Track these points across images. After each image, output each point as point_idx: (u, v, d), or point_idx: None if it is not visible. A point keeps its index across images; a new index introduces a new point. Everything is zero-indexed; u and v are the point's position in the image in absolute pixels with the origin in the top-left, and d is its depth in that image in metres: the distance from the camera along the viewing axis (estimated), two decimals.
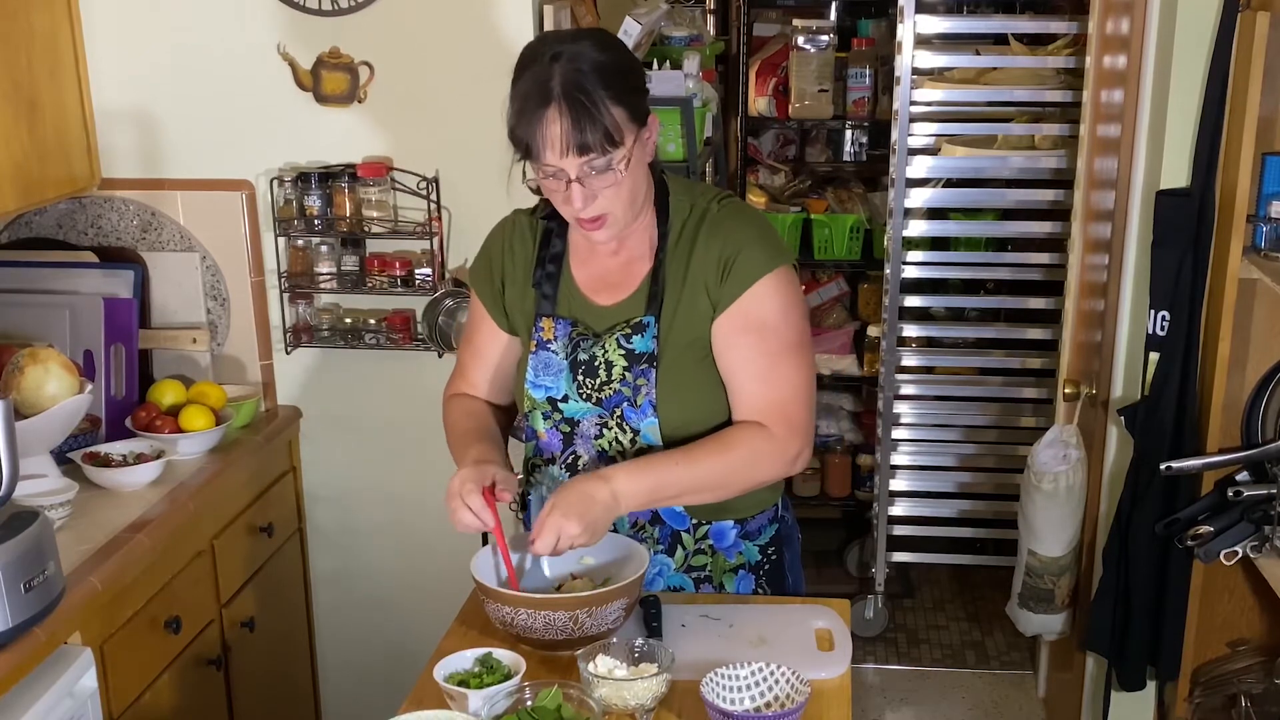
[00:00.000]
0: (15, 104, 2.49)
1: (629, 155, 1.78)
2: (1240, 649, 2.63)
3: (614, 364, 1.90)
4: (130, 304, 2.80)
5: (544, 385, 1.96)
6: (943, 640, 3.96)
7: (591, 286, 1.96)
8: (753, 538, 2.03)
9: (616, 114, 1.74)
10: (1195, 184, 2.49)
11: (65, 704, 2.01)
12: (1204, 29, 2.44)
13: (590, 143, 1.73)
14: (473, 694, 1.63)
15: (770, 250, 1.88)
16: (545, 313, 1.96)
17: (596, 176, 1.77)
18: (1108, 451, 2.88)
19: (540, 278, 1.97)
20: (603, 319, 1.94)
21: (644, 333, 1.89)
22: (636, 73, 1.84)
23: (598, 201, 1.79)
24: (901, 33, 3.42)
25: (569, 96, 1.72)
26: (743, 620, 1.89)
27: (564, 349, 1.94)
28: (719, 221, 1.89)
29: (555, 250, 1.97)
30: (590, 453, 1.95)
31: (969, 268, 3.76)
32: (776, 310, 1.87)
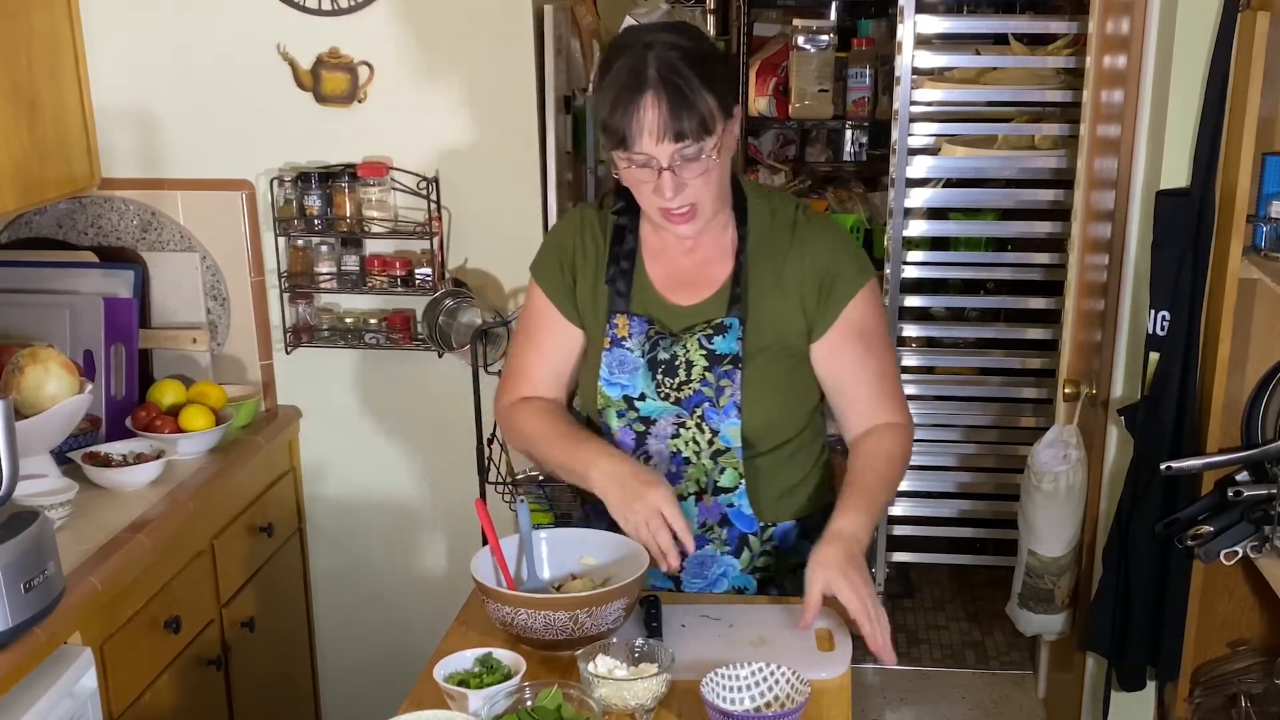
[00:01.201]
0: (15, 104, 2.49)
1: (719, 144, 1.79)
2: (1240, 649, 2.63)
3: (694, 364, 1.90)
4: (130, 304, 2.80)
5: (619, 383, 1.94)
6: (943, 640, 3.96)
7: (667, 285, 1.95)
8: (811, 535, 2.01)
9: (710, 101, 1.76)
10: (1195, 184, 2.49)
11: (65, 704, 2.01)
12: (1204, 29, 2.44)
13: (685, 129, 1.74)
14: (473, 694, 1.63)
15: (861, 263, 1.95)
16: (620, 309, 1.95)
17: (687, 165, 1.77)
18: (1108, 451, 2.88)
19: (614, 274, 1.96)
20: (680, 318, 1.93)
21: (726, 334, 1.90)
22: (723, 64, 1.86)
23: (687, 191, 1.79)
24: (901, 33, 3.42)
25: (666, 83, 1.73)
26: (743, 620, 1.89)
27: (640, 346, 1.93)
28: (810, 235, 1.93)
29: (628, 246, 1.97)
30: (663, 452, 1.95)
31: (969, 268, 3.76)
32: (874, 318, 1.95)
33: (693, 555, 1.94)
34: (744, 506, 1.97)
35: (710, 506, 1.97)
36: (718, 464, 1.95)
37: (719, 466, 1.95)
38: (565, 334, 2.02)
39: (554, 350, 2.03)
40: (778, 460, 1.98)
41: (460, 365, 2.88)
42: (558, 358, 2.03)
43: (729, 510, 1.98)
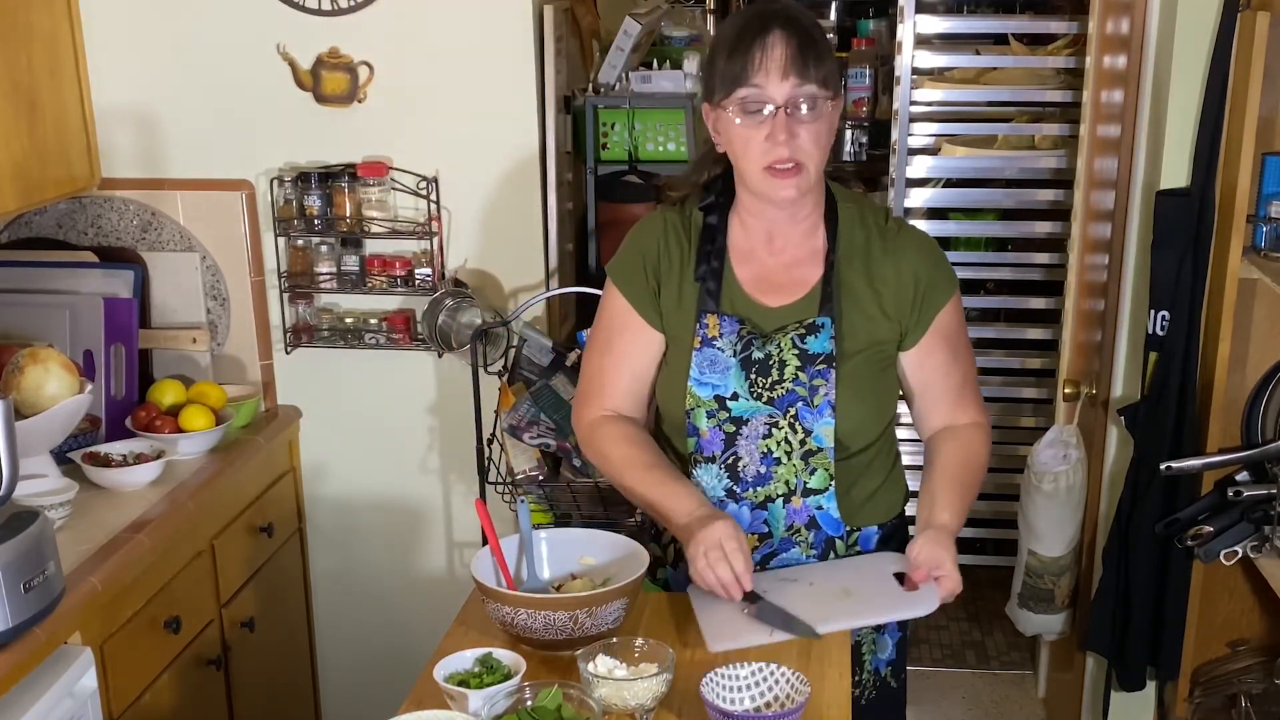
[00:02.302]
0: (15, 104, 2.49)
1: (835, 107, 1.84)
2: (1240, 649, 2.63)
3: (788, 363, 1.90)
4: (130, 304, 2.80)
5: (710, 383, 1.92)
6: (943, 640, 3.95)
7: (756, 286, 1.94)
8: (886, 543, 2.04)
9: (833, 62, 1.83)
10: (1195, 184, 2.49)
11: (65, 704, 2.01)
12: (1204, 29, 2.44)
13: (810, 70, 1.78)
14: (473, 694, 1.63)
15: (950, 272, 2.01)
16: (709, 309, 1.93)
17: (803, 113, 1.79)
18: (1108, 451, 2.88)
19: (704, 273, 1.94)
20: (771, 319, 1.93)
21: (819, 334, 1.90)
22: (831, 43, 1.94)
23: (796, 144, 1.80)
24: (901, 33, 3.42)
25: (794, 23, 1.80)
26: (821, 578, 1.91)
27: (731, 346, 1.92)
28: (903, 243, 1.96)
29: (718, 245, 1.95)
30: (754, 454, 1.93)
31: (969, 268, 3.75)
32: (960, 325, 2.01)
33: (780, 558, 1.97)
34: (832, 510, 1.96)
35: (799, 509, 1.96)
36: (808, 465, 1.94)
37: (810, 468, 1.94)
38: (647, 340, 1.98)
39: (635, 357, 1.99)
40: (863, 463, 1.99)
41: (460, 365, 2.88)
42: (639, 365, 2.00)
43: (817, 513, 1.96)
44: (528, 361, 2.67)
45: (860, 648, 2.05)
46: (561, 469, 2.60)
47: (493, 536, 1.89)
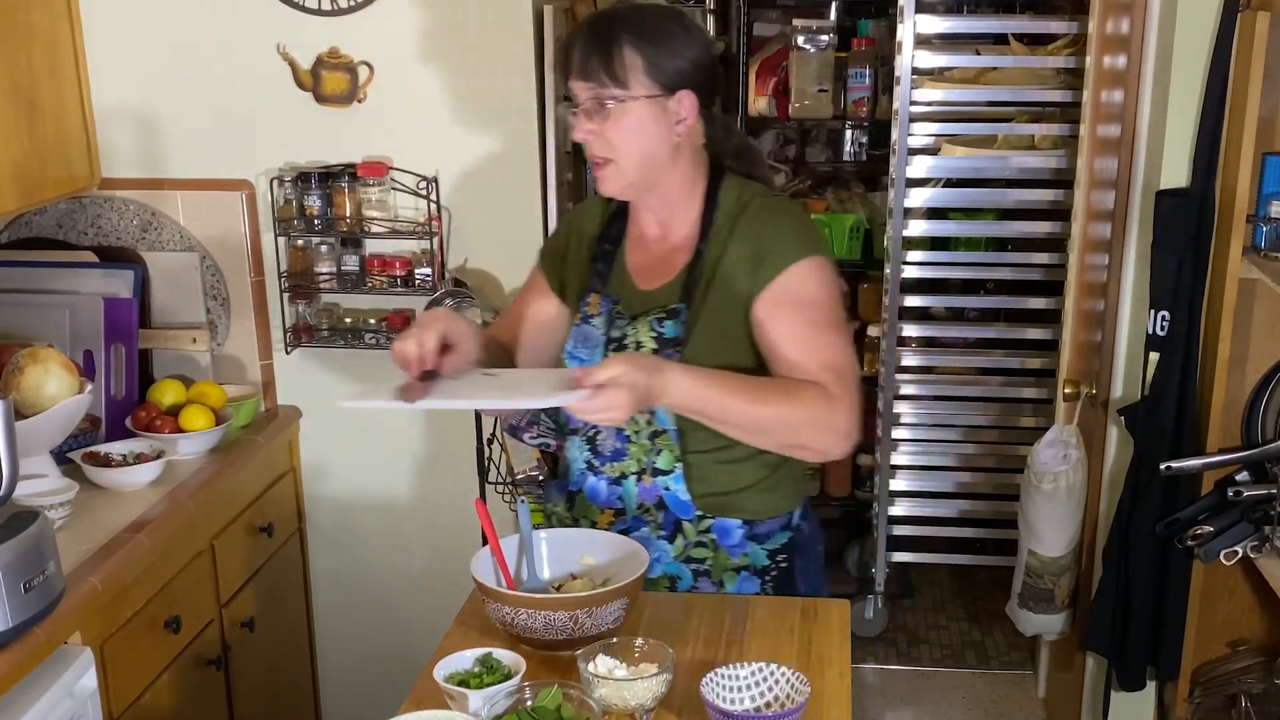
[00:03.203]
0: (15, 104, 2.49)
1: (629, 101, 1.86)
2: (1240, 649, 2.63)
3: (644, 345, 1.94)
4: (130, 304, 2.80)
5: (580, 357, 2.01)
6: (943, 640, 3.96)
7: (639, 271, 2.02)
8: (761, 541, 2.03)
9: (630, 59, 1.85)
10: (1195, 184, 2.49)
11: (65, 704, 2.01)
12: (1204, 29, 2.44)
13: (592, 69, 1.86)
14: (473, 694, 1.63)
15: (805, 241, 1.94)
16: (595, 289, 2.03)
17: (596, 112, 1.87)
18: (1108, 451, 2.88)
19: (598, 254, 2.06)
20: (641, 302, 1.99)
21: (676, 318, 1.94)
22: (681, 46, 1.90)
23: (602, 140, 1.89)
24: (901, 33, 3.42)
25: (593, 27, 1.89)
26: (509, 376, 1.98)
27: (604, 325, 2.00)
28: (756, 215, 1.96)
29: (616, 231, 2.07)
30: (610, 430, 2.00)
31: (969, 268, 3.76)
32: (815, 288, 1.92)
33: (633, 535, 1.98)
34: (680, 491, 1.98)
35: (649, 488, 1.99)
36: (655, 445, 1.97)
37: (656, 448, 1.97)
38: (538, 300, 2.13)
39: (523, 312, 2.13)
40: (717, 448, 1.96)
41: None
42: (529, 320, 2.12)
43: (665, 494, 1.99)
44: None
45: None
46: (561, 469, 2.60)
47: (493, 536, 1.89)
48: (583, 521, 2.06)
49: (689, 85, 1.90)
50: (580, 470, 2.05)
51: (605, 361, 1.77)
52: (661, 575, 2.03)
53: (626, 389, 1.72)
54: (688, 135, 1.93)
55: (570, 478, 2.08)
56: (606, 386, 1.71)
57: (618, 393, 1.72)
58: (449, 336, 1.85)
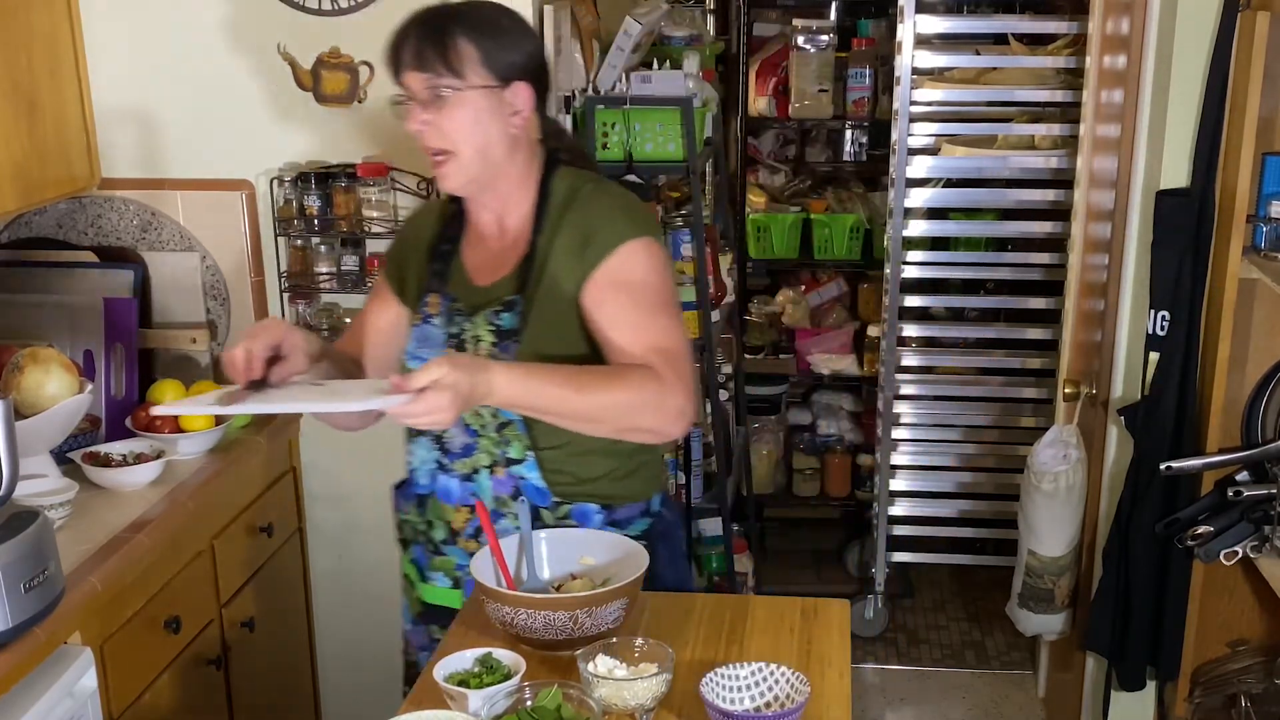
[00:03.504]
0: (15, 104, 2.49)
1: (467, 90, 1.86)
2: (1240, 649, 2.63)
3: (482, 339, 1.95)
4: (130, 304, 2.80)
5: (421, 357, 1.99)
6: (943, 640, 3.96)
7: (476, 268, 2.03)
8: (622, 527, 2.02)
9: (465, 49, 1.86)
10: (1195, 184, 2.49)
11: (65, 704, 2.01)
12: (1204, 29, 2.44)
13: (428, 60, 1.86)
14: (473, 694, 1.63)
15: (632, 222, 1.95)
16: (434, 289, 2.03)
17: (431, 102, 1.87)
18: (1108, 451, 2.88)
19: (436, 254, 2.06)
20: (477, 298, 1.99)
21: (512, 310, 1.95)
22: (514, 38, 1.91)
23: (442, 135, 1.89)
24: (901, 33, 3.42)
25: (425, 19, 1.89)
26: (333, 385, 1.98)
27: (443, 324, 2.00)
28: (585, 200, 1.97)
29: (454, 231, 2.07)
30: (458, 426, 1.99)
31: (969, 268, 3.76)
32: (642, 271, 1.92)
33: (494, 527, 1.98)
34: (535, 480, 1.98)
35: (503, 480, 1.99)
36: (503, 436, 1.98)
37: (505, 439, 1.98)
38: (385, 304, 2.12)
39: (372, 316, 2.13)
40: (565, 436, 1.95)
41: None
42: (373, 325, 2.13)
43: (521, 483, 1.99)
44: None
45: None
46: None
47: (492, 537, 1.89)
48: (437, 524, 2.07)
49: (524, 77, 1.91)
50: (430, 471, 2.05)
51: (426, 364, 1.72)
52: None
53: (449, 391, 1.69)
54: (524, 128, 1.94)
55: (417, 481, 2.09)
56: (428, 390, 1.69)
57: (440, 395, 1.69)
58: (280, 346, 1.85)
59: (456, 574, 2.08)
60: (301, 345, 1.89)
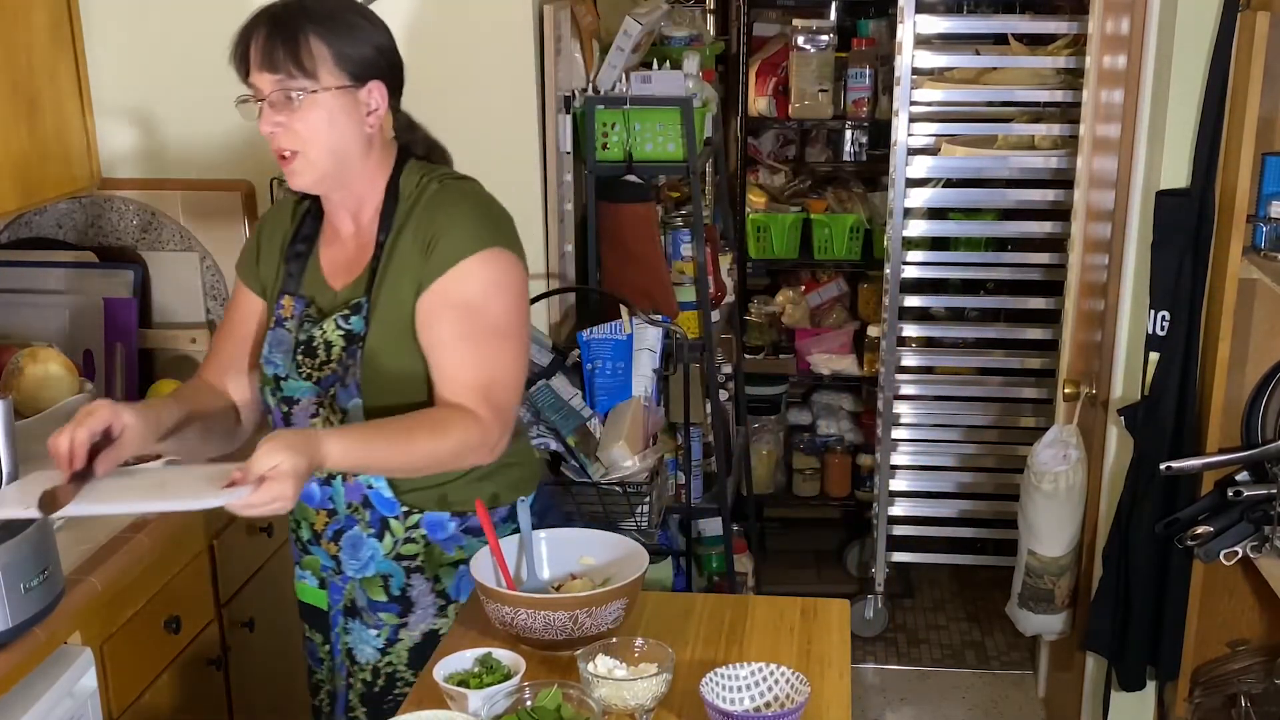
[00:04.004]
0: (15, 104, 2.48)
1: (320, 92, 1.83)
2: (1240, 649, 2.63)
3: (333, 344, 1.93)
4: (130, 304, 2.80)
5: (274, 362, 1.99)
6: (943, 640, 3.96)
7: (331, 269, 2.00)
8: (479, 533, 1.98)
9: (317, 49, 1.82)
10: (1195, 184, 2.49)
11: (65, 704, 2.01)
12: (1204, 29, 2.44)
13: (278, 60, 1.81)
14: (473, 694, 1.63)
15: (479, 232, 1.90)
16: (289, 290, 2.00)
17: (283, 104, 1.82)
18: (1108, 451, 2.88)
19: (291, 255, 2.02)
20: (332, 301, 1.97)
21: (359, 314, 1.92)
22: (366, 34, 1.89)
23: (288, 134, 1.84)
24: (901, 33, 3.42)
25: (274, 17, 1.84)
26: (161, 475, 1.90)
27: (296, 328, 1.98)
28: (433, 200, 1.93)
29: (308, 231, 2.03)
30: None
31: (969, 268, 3.76)
32: (479, 291, 1.89)
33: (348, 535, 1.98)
34: (382, 489, 1.97)
35: (352, 487, 1.98)
36: None
37: None
38: (251, 307, 2.08)
39: (239, 324, 2.08)
40: None
41: None
42: (244, 331, 2.08)
43: (369, 491, 1.98)
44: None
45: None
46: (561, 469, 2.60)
47: (492, 537, 1.89)
48: (303, 524, 2.06)
49: (378, 75, 1.89)
50: None
51: (260, 451, 1.68)
52: (375, 574, 2.01)
53: (289, 477, 1.66)
54: (379, 127, 1.92)
55: None
56: (268, 479, 1.66)
57: (281, 483, 1.66)
58: (110, 430, 1.76)
59: (322, 574, 2.07)
60: (136, 426, 1.78)
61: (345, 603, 2.05)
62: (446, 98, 2.80)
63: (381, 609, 2.02)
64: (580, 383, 2.64)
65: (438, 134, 2.81)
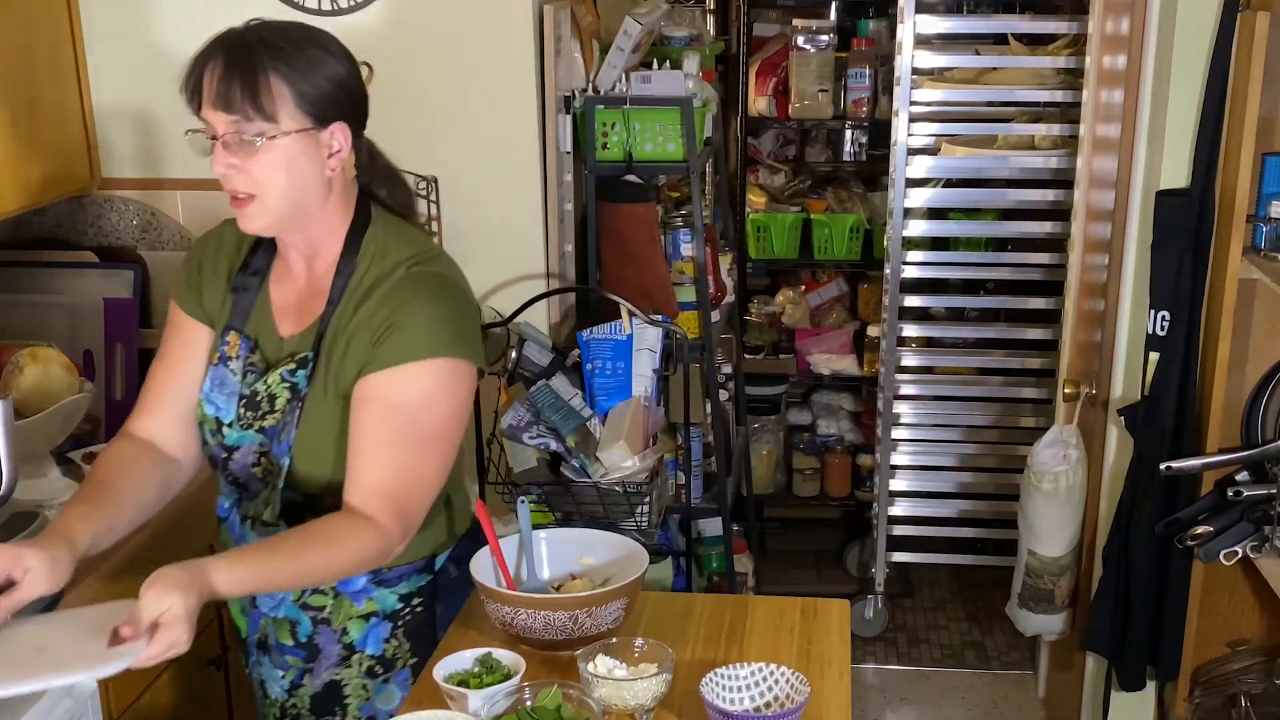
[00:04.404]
0: (15, 104, 2.48)
1: (280, 136, 1.71)
2: (1240, 649, 2.63)
3: (277, 396, 1.84)
4: (130, 304, 2.80)
5: (215, 403, 1.89)
6: (943, 640, 3.96)
7: (282, 310, 1.89)
8: (391, 585, 1.90)
9: (277, 89, 1.70)
10: (1195, 184, 2.49)
11: (65, 704, 2.00)
12: (1204, 29, 2.44)
13: (234, 101, 1.69)
14: (473, 694, 1.63)
15: (436, 336, 1.78)
16: (236, 325, 1.89)
17: (240, 146, 1.71)
18: (1108, 451, 2.88)
19: (240, 284, 1.90)
20: (278, 351, 1.87)
21: (305, 369, 1.82)
22: (328, 69, 1.77)
23: (243, 176, 1.72)
24: (901, 33, 3.42)
25: (231, 51, 1.72)
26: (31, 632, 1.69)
27: (240, 371, 1.87)
28: (401, 286, 1.79)
29: (260, 263, 1.91)
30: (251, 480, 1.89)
31: (969, 268, 3.76)
32: (418, 397, 1.77)
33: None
34: None
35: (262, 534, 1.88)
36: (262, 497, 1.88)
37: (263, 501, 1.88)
38: (191, 335, 1.94)
39: (181, 360, 1.94)
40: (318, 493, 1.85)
41: None
42: (185, 368, 1.94)
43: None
44: (527, 362, 2.67)
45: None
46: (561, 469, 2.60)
47: (492, 537, 1.89)
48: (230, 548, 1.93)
49: (341, 114, 1.77)
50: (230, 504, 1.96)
51: (147, 595, 1.59)
52: (284, 617, 1.92)
53: (182, 620, 1.58)
54: (340, 169, 1.80)
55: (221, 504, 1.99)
56: (161, 625, 1.58)
57: (175, 628, 1.58)
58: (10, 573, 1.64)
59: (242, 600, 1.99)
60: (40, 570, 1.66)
61: (260, 635, 1.98)
62: (447, 98, 2.81)
63: (288, 652, 1.94)
64: (580, 383, 2.64)
65: (437, 134, 2.83)
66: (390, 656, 1.92)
